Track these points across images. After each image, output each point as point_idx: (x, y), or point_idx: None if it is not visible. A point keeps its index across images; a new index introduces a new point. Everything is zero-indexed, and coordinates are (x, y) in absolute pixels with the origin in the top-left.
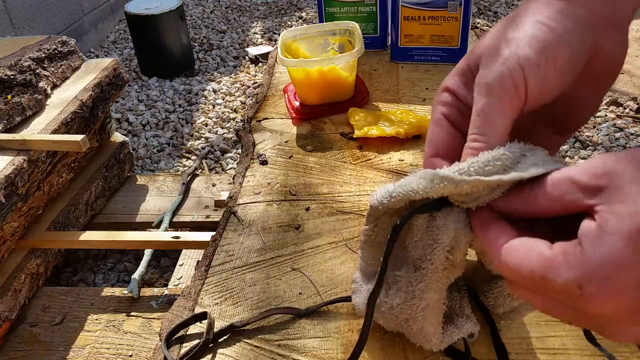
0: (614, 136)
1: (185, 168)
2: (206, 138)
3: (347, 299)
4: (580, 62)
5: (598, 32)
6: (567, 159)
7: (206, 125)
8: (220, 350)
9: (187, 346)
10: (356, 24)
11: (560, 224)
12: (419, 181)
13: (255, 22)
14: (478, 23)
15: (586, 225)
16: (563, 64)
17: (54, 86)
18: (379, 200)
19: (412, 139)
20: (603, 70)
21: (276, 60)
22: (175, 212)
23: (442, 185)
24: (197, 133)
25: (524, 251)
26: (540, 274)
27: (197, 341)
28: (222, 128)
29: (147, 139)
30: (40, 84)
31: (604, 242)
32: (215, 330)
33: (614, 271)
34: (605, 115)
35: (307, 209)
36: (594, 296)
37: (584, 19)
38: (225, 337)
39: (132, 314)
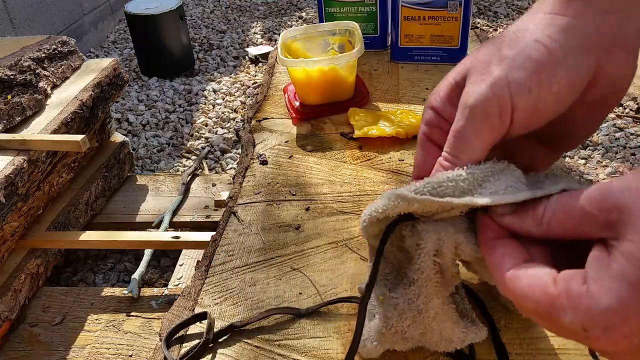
0: (614, 136)
1: (185, 168)
2: (206, 138)
3: (347, 299)
4: (579, 86)
5: (602, 54)
6: (567, 159)
7: (206, 125)
8: (220, 350)
9: (187, 346)
10: (356, 24)
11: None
12: (381, 200)
13: (255, 22)
14: (478, 23)
15: (594, 259)
16: (560, 89)
17: (54, 86)
18: (361, 228)
19: (412, 139)
20: (604, 95)
21: (276, 60)
22: (175, 212)
23: (397, 203)
24: (197, 133)
25: (529, 283)
26: (544, 310)
27: (197, 341)
28: (222, 128)
29: (147, 139)
30: (40, 84)
31: (610, 288)
32: (215, 330)
33: (620, 320)
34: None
35: (307, 209)
36: (600, 339)
37: (589, 39)
38: (225, 337)
39: (132, 314)
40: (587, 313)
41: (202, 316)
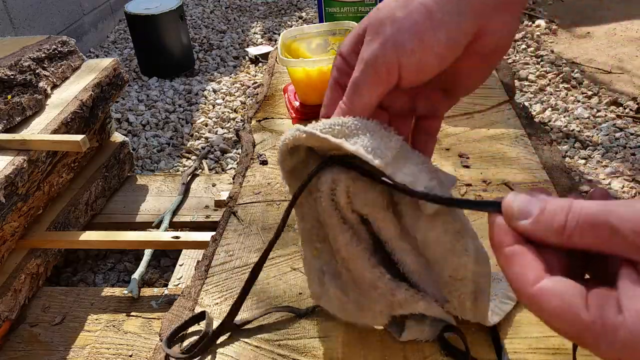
0: (614, 136)
1: (185, 168)
2: (206, 138)
3: None
4: (458, 45)
5: (484, 16)
6: (567, 159)
7: (206, 125)
8: (220, 350)
9: (187, 345)
10: (356, 24)
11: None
12: (285, 133)
13: (255, 22)
14: None
15: (628, 284)
16: (440, 49)
17: (54, 86)
18: (279, 163)
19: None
20: (489, 49)
21: (276, 60)
22: (175, 212)
23: (293, 133)
24: (197, 133)
25: (558, 304)
26: (576, 333)
27: (196, 337)
28: (222, 128)
29: (147, 139)
30: (40, 84)
31: None
32: (214, 329)
33: None
34: (606, 115)
35: None
36: None
37: (470, 3)
38: (225, 337)
39: (132, 314)
40: (624, 346)
41: (201, 317)
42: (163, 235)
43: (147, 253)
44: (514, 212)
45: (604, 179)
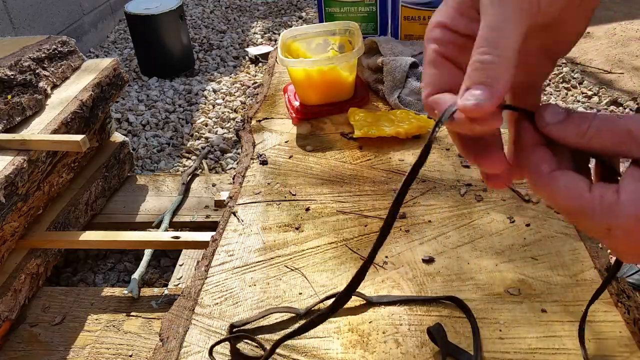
0: None
1: (185, 168)
2: (206, 138)
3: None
4: None
5: None
6: None
7: (206, 125)
8: (220, 350)
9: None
10: (356, 24)
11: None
12: None
13: (255, 22)
14: None
15: (629, 174)
16: None
17: (54, 86)
18: None
19: (412, 139)
20: None
21: (276, 60)
22: (175, 212)
23: None
24: (197, 133)
25: (565, 185)
26: (576, 210)
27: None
28: (222, 128)
29: (147, 139)
30: (40, 84)
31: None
32: (214, 330)
33: None
34: None
35: (307, 209)
36: (618, 238)
37: None
38: (224, 337)
39: (132, 314)
40: (615, 217)
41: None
42: (163, 235)
43: (147, 253)
44: (545, 118)
45: None
